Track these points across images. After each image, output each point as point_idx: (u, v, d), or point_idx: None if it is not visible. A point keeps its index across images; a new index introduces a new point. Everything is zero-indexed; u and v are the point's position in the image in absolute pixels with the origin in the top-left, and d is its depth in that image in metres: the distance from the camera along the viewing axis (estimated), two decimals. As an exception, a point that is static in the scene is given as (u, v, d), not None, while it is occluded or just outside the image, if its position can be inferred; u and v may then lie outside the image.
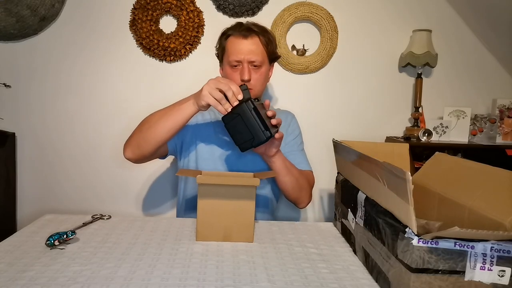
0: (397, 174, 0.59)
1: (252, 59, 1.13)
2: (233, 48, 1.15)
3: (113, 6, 1.63)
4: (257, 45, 1.15)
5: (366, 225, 0.76)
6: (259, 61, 1.15)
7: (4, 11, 1.50)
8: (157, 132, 1.05)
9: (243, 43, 1.14)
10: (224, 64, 1.19)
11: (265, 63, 1.18)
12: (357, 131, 1.76)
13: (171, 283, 0.66)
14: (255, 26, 1.17)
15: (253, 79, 1.14)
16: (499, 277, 0.55)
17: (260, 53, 1.15)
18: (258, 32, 1.16)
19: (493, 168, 0.73)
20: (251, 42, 1.14)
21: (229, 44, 1.16)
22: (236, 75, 1.15)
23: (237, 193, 0.85)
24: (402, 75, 1.77)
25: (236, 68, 1.15)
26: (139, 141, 1.10)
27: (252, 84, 1.14)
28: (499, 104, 1.71)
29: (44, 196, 1.70)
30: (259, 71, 1.16)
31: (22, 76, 1.64)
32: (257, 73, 1.16)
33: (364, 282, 0.70)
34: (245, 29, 1.15)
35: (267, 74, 1.21)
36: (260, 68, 1.16)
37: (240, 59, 1.13)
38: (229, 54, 1.15)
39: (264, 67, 1.18)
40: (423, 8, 1.72)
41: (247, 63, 1.14)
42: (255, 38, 1.15)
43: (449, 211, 0.75)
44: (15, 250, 0.78)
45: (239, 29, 1.16)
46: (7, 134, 1.62)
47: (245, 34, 1.14)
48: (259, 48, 1.15)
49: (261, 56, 1.15)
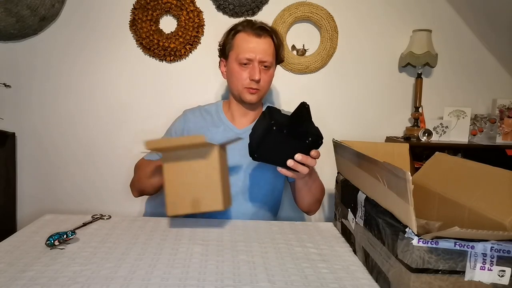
0: (397, 174, 0.59)
1: (264, 59, 1.10)
2: (244, 45, 1.10)
3: (113, 6, 1.63)
4: (269, 45, 1.12)
5: (366, 225, 0.76)
6: (270, 61, 1.12)
7: (4, 11, 1.50)
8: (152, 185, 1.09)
9: (256, 42, 1.10)
10: (230, 61, 1.15)
11: (273, 65, 1.16)
12: (357, 131, 1.76)
13: (171, 283, 0.66)
14: (268, 26, 1.13)
15: (262, 80, 1.12)
16: (499, 277, 0.55)
17: (271, 54, 1.13)
18: (271, 32, 1.13)
19: (493, 168, 0.73)
20: (264, 42, 1.11)
21: (239, 40, 1.12)
22: (245, 74, 1.11)
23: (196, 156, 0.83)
24: (402, 75, 1.77)
25: (246, 66, 1.11)
26: (140, 188, 1.14)
27: (261, 85, 1.12)
28: (499, 104, 1.71)
29: (44, 196, 1.70)
30: (268, 72, 1.14)
31: (22, 76, 1.64)
32: (266, 74, 1.13)
33: (364, 282, 0.70)
34: (259, 27, 1.11)
35: (273, 76, 1.19)
36: (269, 69, 1.14)
37: (252, 57, 1.09)
38: (240, 51, 1.10)
39: (272, 69, 1.16)
40: (423, 8, 1.72)
41: (258, 63, 1.10)
42: (268, 39, 1.12)
43: (449, 211, 0.75)
44: (15, 250, 0.78)
45: (251, 26, 1.11)
46: (7, 134, 1.62)
47: (259, 33, 1.10)
48: (271, 48, 1.12)
49: (272, 57, 1.13)
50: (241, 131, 1.19)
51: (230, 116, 1.22)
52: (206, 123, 1.21)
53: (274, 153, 0.83)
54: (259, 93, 1.14)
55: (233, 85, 1.16)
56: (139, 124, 1.70)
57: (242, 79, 1.12)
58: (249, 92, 1.13)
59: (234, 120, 1.21)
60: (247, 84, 1.12)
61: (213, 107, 1.26)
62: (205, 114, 1.23)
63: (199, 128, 1.19)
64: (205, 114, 1.23)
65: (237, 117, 1.21)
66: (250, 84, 1.12)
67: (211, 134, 1.18)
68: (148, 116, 1.70)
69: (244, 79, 1.12)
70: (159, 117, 1.67)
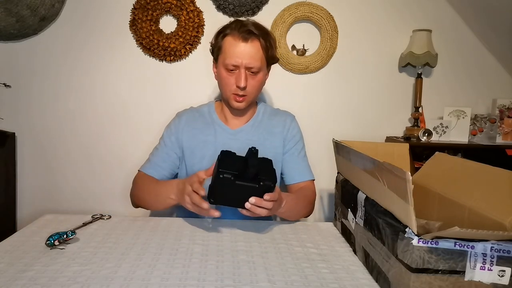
0: (397, 174, 0.59)
1: (250, 65, 1.06)
2: (230, 50, 1.06)
3: (113, 6, 1.63)
4: (256, 50, 1.07)
5: (366, 225, 0.76)
6: (257, 67, 1.08)
7: (4, 11, 1.50)
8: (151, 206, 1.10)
9: (242, 47, 1.05)
10: (219, 65, 1.12)
11: (263, 69, 1.11)
12: (357, 131, 1.76)
13: (171, 283, 0.66)
14: (256, 28, 1.07)
15: (249, 85, 1.08)
16: (499, 277, 0.55)
17: (259, 58, 1.08)
18: (258, 35, 1.07)
19: (493, 168, 0.73)
20: (250, 46, 1.06)
21: (226, 44, 1.08)
22: (232, 80, 1.09)
23: None
24: (402, 75, 1.77)
25: (233, 72, 1.08)
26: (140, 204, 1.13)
27: (248, 91, 1.09)
28: (499, 104, 1.71)
29: (44, 196, 1.70)
30: (256, 77, 1.10)
31: (22, 76, 1.64)
32: (254, 80, 1.10)
33: (364, 282, 0.70)
34: (246, 31, 1.06)
35: (264, 79, 1.14)
36: (258, 74, 1.10)
37: (238, 63, 1.06)
38: (226, 57, 1.07)
39: (262, 73, 1.11)
40: (423, 8, 1.72)
41: (244, 69, 1.07)
42: (255, 42, 1.07)
43: (449, 211, 0.75)
44: (15, 250, 0.78)
45: (238, 29, 1.06)
46: (7, 134, 1.62)
47: (245, 37, 1.05)
48: (258, 53, 1.07)
49: (259, 62, 1.08)
50: (234, 132, 1.18)
51: (223, 117, 1.20)
52: (198, 124, 1.19)
53: (229, 197, 0.84)
54: (246, 98, 1.11)
55: (222, 90, 1.15)
56: (139, 124, 1.70)
57: (229, 85, 1.10)
58: (235, 100, 1.11)
59: (227, 121, 1.20)
60: (233, 91, 1.10)
61: (205, 108, 1.24)
62: (197, 115, 1.22)
63: (192, 130, 1.18)
64: (198, 115, 1.22)
65: (230, 118, 1.19)
66: (236, 90, 1.09)
67: (204, 135, 1.17)
68: (148, 116, 1.70)
69: (231, 85, 1.09)
70: (159, 117, 1.67)
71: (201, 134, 1.17)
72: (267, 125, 1.21)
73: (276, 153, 1.18)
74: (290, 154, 1.20)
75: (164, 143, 1.19)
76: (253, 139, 1.17)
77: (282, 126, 1.21)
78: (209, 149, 1.15)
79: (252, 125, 1.20)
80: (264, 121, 1.21)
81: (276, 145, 1.19)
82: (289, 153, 1.20)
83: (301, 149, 1.23)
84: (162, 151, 1.18)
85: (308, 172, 1.20)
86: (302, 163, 1.21)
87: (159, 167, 1.16)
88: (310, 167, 1.22)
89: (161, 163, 1.16)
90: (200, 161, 1.15)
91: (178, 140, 1.18)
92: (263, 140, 1.18)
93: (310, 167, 1.23)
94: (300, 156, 1.22)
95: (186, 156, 1.17)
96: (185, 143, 1.17)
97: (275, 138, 1.19)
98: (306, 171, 1.20)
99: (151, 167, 1.16)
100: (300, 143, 1.23)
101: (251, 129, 1.19)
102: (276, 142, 1.19)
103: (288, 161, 1.19)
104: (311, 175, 1.20)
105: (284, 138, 1.20)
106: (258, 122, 1.21)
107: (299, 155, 1.21)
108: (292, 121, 1.24)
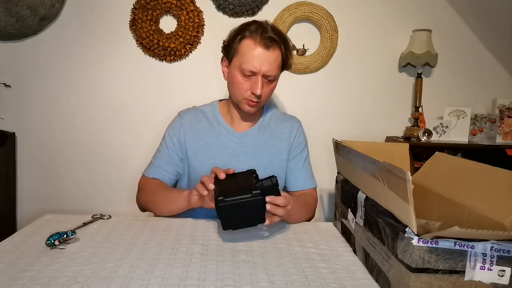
0: (397, 174, 0.59)
1: (268, 73, 1.02)
2: (249, 56, 1.01)
3: (113, 6, 1.63)
4: (276, 58, 1.02)
5: (366, 225, 0.76)
6: (274, 75, 1.05)
7: (4, 11, 1.50)
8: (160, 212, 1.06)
9: (263, 54, 1.00)
10: (232, 67, 1.06)
11: (278, 77, 1.09)
12: (357, 131, 1.76)
13: (171, 283, 0.66)
14: (277, 34, 1.02)
15: (263, 93, 1.05)
16: (499, 277, 0.55)
17: (277, 67, 1.04)
18: (280, 43, 1.03)
19: (493, 168, 0.73)
20: (271, 55, 1.01)
21: (245, 48, 1.02)
22: (246, 85, 1.04)
23: None
24: (402, 75, 1.77)
25: (249, 78, 1.04)
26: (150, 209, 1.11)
27: (262, 98, 1.06)
28: (499, 104, 1.72)
29: (44, 196, 1.70)
30: (271, 85, 1.07)
31: (22, 76, 1.64)
32: (268, 87, 1.06)
33: (364, 282, 0.70)
34: (268, 38, 1.00)
35: (275, 86, 1.11)
36: (273, 82, 1.07)
37: (256, 70, 1.01)
38: (244, 61, 1.02)
39: (276, 80, 1.09)
40: (423, 8, 1.72)
41: (261, 76, 1.02)
42: (277, 51, 1.02)
43: (449, 211, 0.75)
44: (15, 250, 0.78)
45: (260, 34, 1.00)
46: (7, 134, 1.62)
47: (267, 44, 1.00)
48: (277, 61, 1.03)
49: (277, 71, 1.05)
50: (240, 135, 1.15)
51: (229, 119, 1.17)
52: (202, 125, 1.16)
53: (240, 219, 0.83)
54: (259, 104, 1.09)
55: (233, 92, 1.10)
56: (139, 124, 1.70)
57: (243, 90, 1.06)
58: (249, 104, 1.07)
59: (233, 123, 1.16)
60: (247, 96, 1.06)
61: (208, 108, 1.20)
62: (201, 115, 1.18)
63: (195, 131, 1.15)
64: (201, 116, 1.18)
65: (237, 120, 1.16)
66: (250, 96, 1.05)
67: (208, 137, 1.14)
68: (148, 116, 1.70)
69: (245, 90, 1.05)
70: (159, 116, 1.67)
71: (204, 135, 1.15)
72: (274, 130, 1.18)
73: (281, 159, 1.17)
74: (295, 162, 1.18)
75: (166, 145, 1.16)
76: (259, 144, 1.15)
77: (289, 133, 1.19)
78: (212, 151, 1.13)
79: (258, 128, 1.17)
80: (271, 125, 1.19)
81: (282, 151, 1.17)
82: (294, 160, 1.18)
83: (306, 156, 1.21)
84: (164, 153, 1.15)
85: (311, 180, 1.19)
86: (306, 171, 1.19)
87: (163, 170, 1.14)
88: (313, 174, 1.21)
89: (164, 166, 1.14)
90: (202, 164, 1.13)
91: (180, 142, 1.15)
92: (269, 146, 1.16)
93: (313, 174, 1.22)
94: (305, 164, 1.20)
95: (189, 157, 1.15)
96: (187, 145, 1.15)
97: (281, 144, 1.17)
98: (309, 179, 1.19)
99: (155, 171, 1.14)
100: (305, 150, 1.21)
101: (257, 133, 1.16)
102: (282, 148, 1.17)
103: (293, 168, 1.18)
104: (314, 182, 1.19)
105: (291, 145, 1.18)
106: (264, 126, 1.18)
107: (304, 162, 1.20)
108: (299, 128, 1.22)
